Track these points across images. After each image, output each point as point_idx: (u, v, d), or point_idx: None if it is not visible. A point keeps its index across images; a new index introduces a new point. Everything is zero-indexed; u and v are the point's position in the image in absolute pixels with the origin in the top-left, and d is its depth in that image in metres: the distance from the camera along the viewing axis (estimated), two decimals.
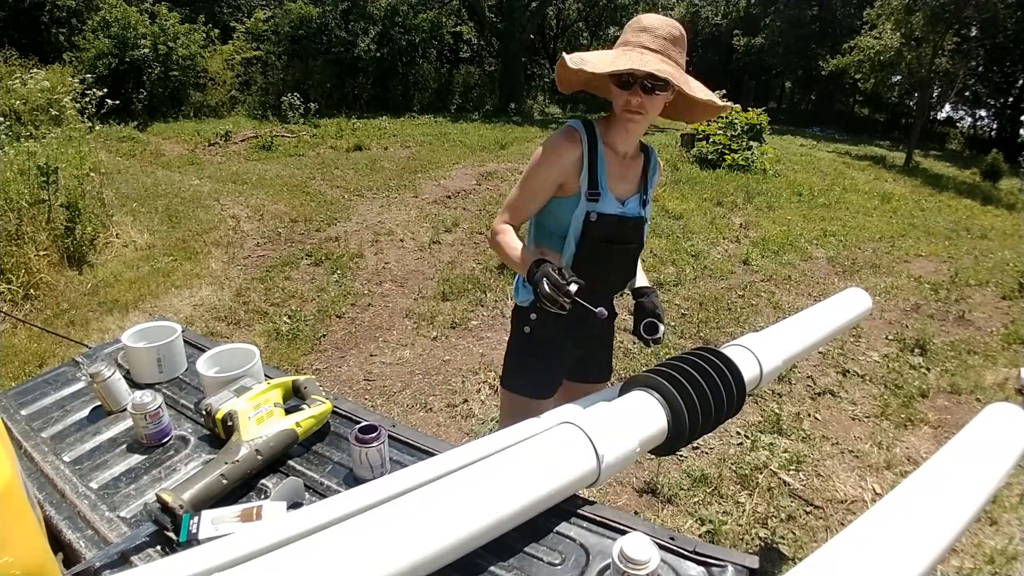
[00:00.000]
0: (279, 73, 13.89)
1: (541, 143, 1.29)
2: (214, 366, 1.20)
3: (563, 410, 1.06)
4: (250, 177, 7.32)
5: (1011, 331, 3.80)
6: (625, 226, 1.31)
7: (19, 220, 3.87)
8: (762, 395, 2.91)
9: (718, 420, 1.07)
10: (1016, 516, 2.15)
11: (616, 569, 0.72)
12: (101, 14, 12.01)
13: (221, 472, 0.91)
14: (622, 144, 1.30)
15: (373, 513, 0.76)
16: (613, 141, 1.29)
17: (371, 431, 0.96)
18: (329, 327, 3.56)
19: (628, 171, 1.33)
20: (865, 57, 14.42)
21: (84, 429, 1.10)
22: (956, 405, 2.97)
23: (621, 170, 1.31)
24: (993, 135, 21.00)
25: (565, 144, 1.26)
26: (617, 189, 1.31)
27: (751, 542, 2.02)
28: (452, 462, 0.92)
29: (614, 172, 1.30)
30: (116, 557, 0.81)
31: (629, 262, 1.40)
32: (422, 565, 0.72)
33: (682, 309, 3.92)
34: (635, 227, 1.34)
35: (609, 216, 1.28)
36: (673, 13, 23.46)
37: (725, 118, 8.71)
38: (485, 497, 0.79)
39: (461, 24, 18.28)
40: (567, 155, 1.25)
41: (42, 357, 3.00)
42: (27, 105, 6.75)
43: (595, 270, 1.27)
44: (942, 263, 5.33)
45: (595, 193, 1.26)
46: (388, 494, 0.85)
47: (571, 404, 1.09)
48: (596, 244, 1.28)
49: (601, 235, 1.27)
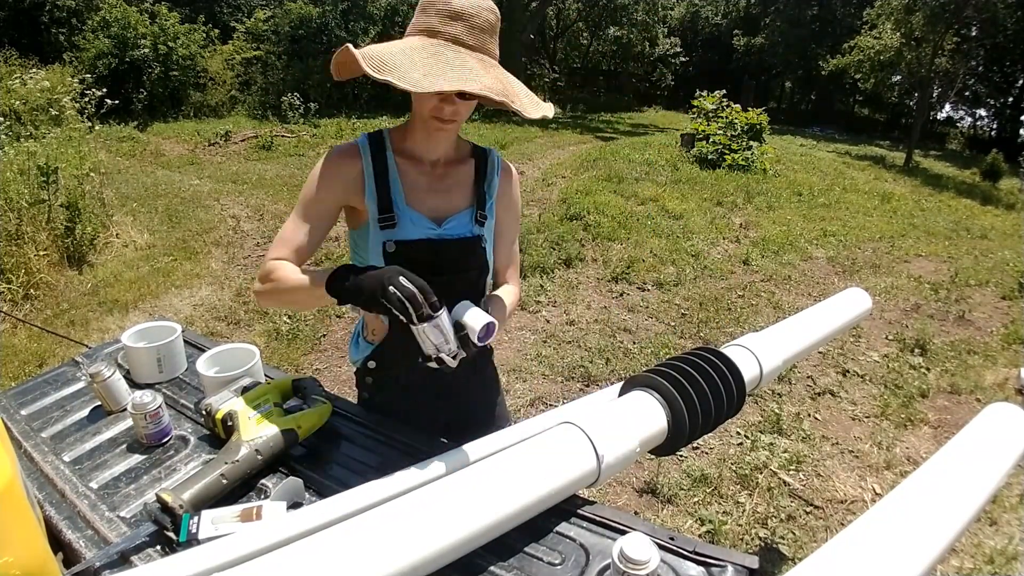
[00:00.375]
0: (279, 73, 13.89)
1: None
2: (214, 366, 1.20)
3: (563, 410, 1.06)
4: (250, 177, 7.32)
5: (1011, 331, 3.80)
6: (446, 250, 1.04)
7: (19, 220, 3.87)
8: (762, 395, 2.91)
9: (718, 420, 1.07)
10: (1016, 516, 2.15)
11: (616, 569, 0.72)
12: (101, 14, 12.01)
13: (221, 472, 0.91)
14: (429, 150, 1.06)
15: (373, 513, 0.76)
16: (414, 148, 1.05)
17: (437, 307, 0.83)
18: (329, 327, 3.56)
19: (444, 182, 1.07)
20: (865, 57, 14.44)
21: (84, 429, 1.10)
22: (956, 405, 2.97)
23: (431, 182, 1.06)
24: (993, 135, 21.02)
25: (336, 158, 1.02)
26: (427, 205, 1.05)
27: (751, 542, 2.02)
28: (452, 462, 0.92)
29: (420, 185, 1.05)
30: (116, 557, 0.81)
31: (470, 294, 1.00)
32: (422, 565, 0.72)
33: (682, 309, 3.92)
34: (464, 249, 1.06)
35: (416, 243, 1.02)
36: (673, 13, 23.45)
37: (725, 118, 8.72)
38: (485, 497, 0.79)
39: None
40: (342, 170, 1.01)
41: (42, 357, 3.00)
42: (27, 105, 6.75)
43: None
44: (942, 263, 5.33)
45: (388, 217, 1.01)
46: (388, 494, 0.85)
47: (571, 404, 1.09)
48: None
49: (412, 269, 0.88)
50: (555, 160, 8.97)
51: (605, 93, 22.18)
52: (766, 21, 22.80)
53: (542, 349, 3.31)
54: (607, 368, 3.13)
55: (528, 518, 0.83)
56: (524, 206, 6.25)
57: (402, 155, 1.05)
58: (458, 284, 1.06)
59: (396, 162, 1.04)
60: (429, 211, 1.05)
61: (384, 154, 1.03)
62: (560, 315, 3.78)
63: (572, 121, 15.24)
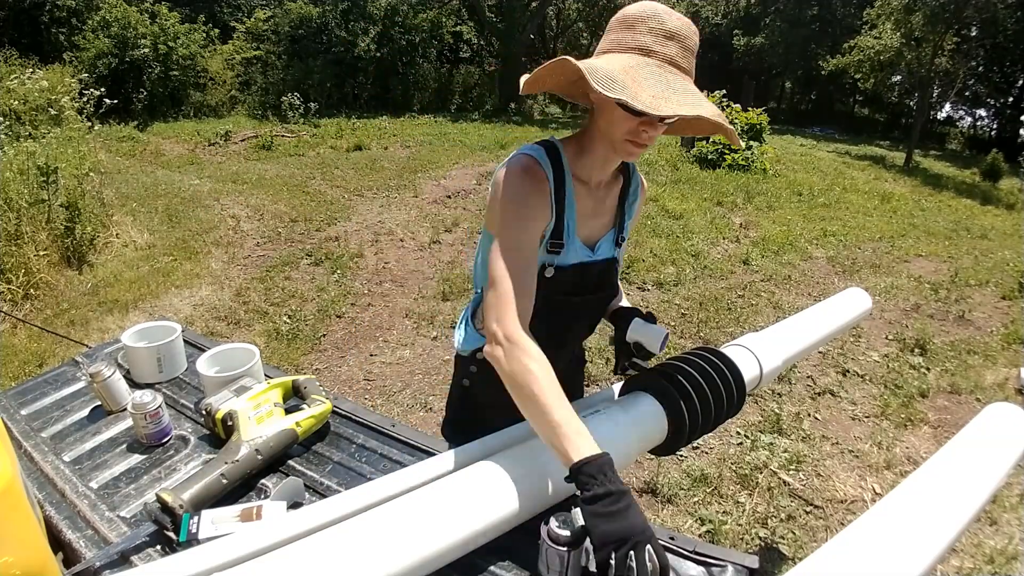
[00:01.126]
0: (279, 73, 13.90)
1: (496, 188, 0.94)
2: (214, 366, 1.20)
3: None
4: (250, 177, 7.32)
5: (1011, 331, 3.80)
6: (590, 273, 1.03)
7: (19, 220, 3.87)
8: (762, 395, 2.91)
9: (718, 420, 1.07)
10: (1016, 516, 2.15)
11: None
12: (101, 14, 12.02)
13: (221, 472, 0.91)
14: (598, 173, 0.99)
15: (373, 513, 0.76)
16: (587, 170, 0.98)
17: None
18: (329, 327, 3.56)
19: (602, 204, 1.03)
20: (865, 57, 14.43)
21: (84, 429, 1.10)
22: (956, 405, 2.97)
23: (593, 204, 1.01)
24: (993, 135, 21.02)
25: (533, 183, 0.92)
26: (586, 230, 1.01)
27: (751, 542, 2.02)
28: (452, 462, 0.92)
29: (585, 211, 0.99)
30: (116, 557, 0.81)
31: (598, 310, 1.12)
32: (422, 565, 0.72)
33: (682, 309, 3.92)
34: (603, 272, 1.06)
35: (572, 267, 1.00)
36: None
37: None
38: (485, 497, 0.79)
39: (461, 24, 18.29)
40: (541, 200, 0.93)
41: (42, 357, 3.00)
42: (26, 105, 6.75)
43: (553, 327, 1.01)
44: (942, 263, 5.33)
45: (558, 244, 0.97)
46: (388, 494, 0.85)
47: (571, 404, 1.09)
48: (553, 300, 1.00)
49: (560, 290, 0.99)
50: None
51: None
52: (766, 21, 22.78)
53: None
54: (607, 368, 3.13)
55: (528, 518, 0.83)
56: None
57: (576, 176, 0.98)
58: (595, 304, 1.10)
59: (572, 186, 0.97)
60: (587, 235, 1.02)
61: (563, 175, 0.95)
62: None
63: (572, 121, 15.24)
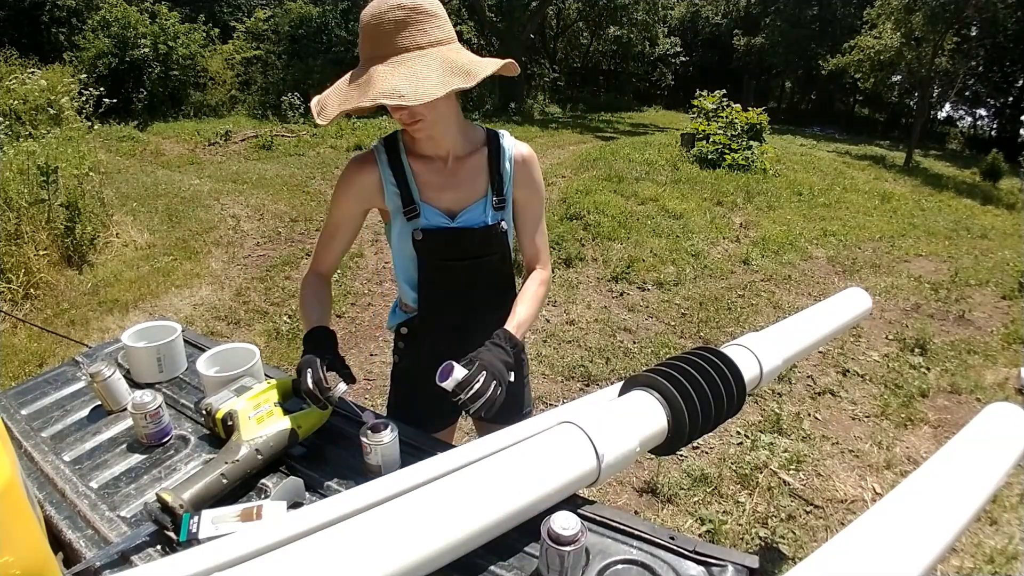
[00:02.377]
0: (279, 73, 13.90)
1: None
2: (214, 366, 1.20)
3: (563, 410, 1.06)
4: (250, 176, 7.32)
5: (1011, 331, 3.80)
6: (466, 239, 1.13)
7: (19, 220, 3.87)
8: (762, 395, 2.91)
9: (718, 420, 1.07)
10: (1016, 516, 2.15)
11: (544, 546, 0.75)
12: (101, 14, 12.02)
13: (221, 472, 0.91)
14: (428, 149, 1.11)
15: (373, 513, 0.76)
16: (420, 150, 1.11)
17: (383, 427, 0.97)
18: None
19: (457, 176, 1.12)
20: (865, 57, 14.41)
21: (84, 429, 1.10)
22: (956, 405, 2.97)
23: (443, 178, 1.11)
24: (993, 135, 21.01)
25: (353, 172, 1.11)
26: (444, 200, 1.12)
27: (751, 542, 2.02)
28: (452, 462, 0.92)
29: (433, 182, 1.11)
30: (116, 557, 0.81)
31: (493, 277, 1.20)
32: (422, 565, 0.72)
33: (682, 309, 3.92)
34: (483, 237, 1.14)
35: (438, 231, 1.11)
36: (673, 13, 23.45)
37: (725, 118, 8.72)
38: (485, 497, 0.79)
39: (461, 24, 18.28)
40: (359, 182, 1.11)
41: (42, 357, 3.00)
42: (26, 105, 6.75)
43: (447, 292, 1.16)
44: (942, 263, 5.33)
45: (411, 210, 1.10)
46: (388, 494, 0.85)
47: (571, 404, 1.09)
48: (435, 264, 1.14)
49: (436, 254, 1.12)
50: (555, 160, 8.96)
51: (605, 93, 22.17)
52: (766, 21, 22.76)
53: (542, 349, 3.31)
54: (607, 368, 3.13)
55: (528, 518, 0.83)
56: None
57: (413, 155, 1.12)
58: (482, 269, 1.18)
59: (409, 163, 1.11)
60: (445, 206, 1.12)
61: (399, 156, 1.10)
62: (560, 315, 3.78)
63: (572, 121, 15.23)
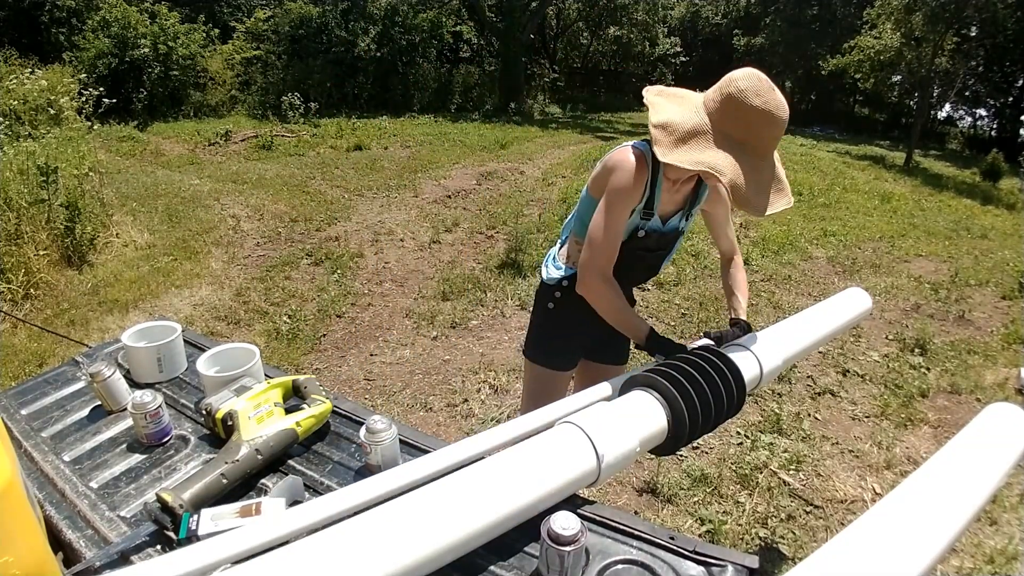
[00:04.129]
0: (279, 73, 13.88)
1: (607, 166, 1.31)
2: (214, 366, 1.20)
3: (563, 410, 1.06)
4: (250, 177, 7.32)
5: (1011, 331, 3.80)
6: (663, 239, 1.44)
7: (19, 220, 3.87)
8: (762, 395, 2.91)
9: (718, 420, 1.07)
10: (1016, 516, 2.15)
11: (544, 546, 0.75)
12: (101, 14, 11.99)
13: (221, 471, 0.91)
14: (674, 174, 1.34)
15: (373, 512, 0.76)
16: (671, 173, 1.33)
17: (383, 427, 0.98)
18: (329, 327, 3.56)
19: (678, 195, 1.40)
20: (865, 57, 14.39)
21: (84, 429, 1.10)
22: (956, 405, 2.97)
23: (670, 196, 1.38)
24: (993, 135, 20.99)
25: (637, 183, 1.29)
26: (664, 211, 1.39)
27: (751, 542, 2.02)
28: (452, 459, 0.92)
29: (665, 198, 1.37)
30: (116, 556, 0.81)
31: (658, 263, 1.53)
32: (422, 565, 0.72)
33: (682, 309, 3.92)
34: (672, 239, 1.47)
35: (652, 232, 1.40)
36: (673, 13, 23.43)
37: None
38: (485, 497, 0.79)
39: (461, 24, 18.27)
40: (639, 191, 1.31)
41: (42, 357, 3.00)
42: (26, 105, 6.75)
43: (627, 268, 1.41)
44: (942, 263, 5.33)
45: (648, 213, 1.36)
46: (388, 493, 0.85)
47: (571, 403, 1.09)
48: (634, 251, 1.40)
49: (641, 246, 1.40)
50: (555, 160, 8.96)
51: (605, 93, 22.14)
52: (766, 21, 22.74)
53: None
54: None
55: (528, 518, 0.83)
56: (524, 206, 6.25)
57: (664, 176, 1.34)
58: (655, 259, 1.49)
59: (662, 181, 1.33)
60: (663, 213, 1.40)
61: (658, 174, 1.32)
62: None
63: (572, 121, 15.23)
